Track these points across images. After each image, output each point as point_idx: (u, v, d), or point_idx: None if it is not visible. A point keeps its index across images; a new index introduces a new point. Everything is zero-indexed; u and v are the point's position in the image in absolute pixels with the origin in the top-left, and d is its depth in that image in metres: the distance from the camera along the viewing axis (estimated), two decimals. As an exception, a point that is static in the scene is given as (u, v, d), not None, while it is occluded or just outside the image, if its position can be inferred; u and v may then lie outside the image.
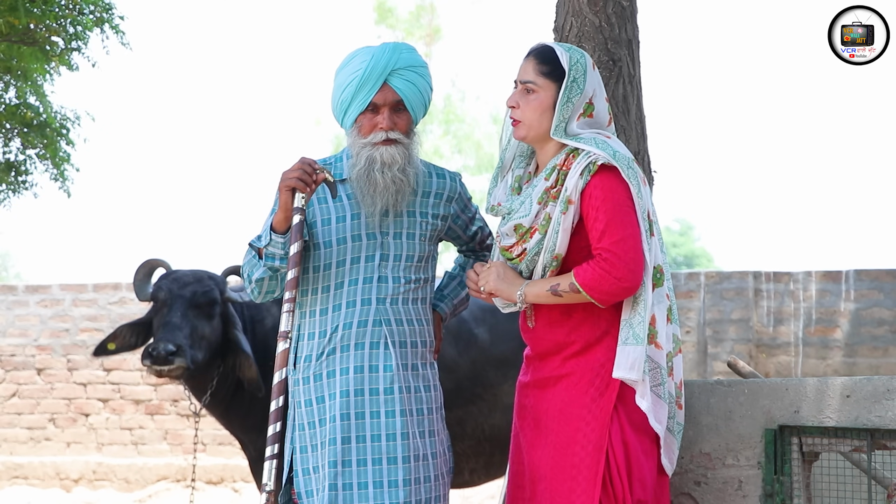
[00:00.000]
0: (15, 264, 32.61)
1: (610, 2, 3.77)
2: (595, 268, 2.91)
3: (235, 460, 9.05)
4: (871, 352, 8.87)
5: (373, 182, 3.11)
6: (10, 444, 9.55)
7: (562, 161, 3.00)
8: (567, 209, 2.95)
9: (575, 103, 3.00)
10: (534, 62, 3.04)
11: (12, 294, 9.77)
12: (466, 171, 19.71)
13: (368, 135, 3.13)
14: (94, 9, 6.53)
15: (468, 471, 4.95)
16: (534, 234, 3.01)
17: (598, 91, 3.06)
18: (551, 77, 3.01)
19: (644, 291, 2.96)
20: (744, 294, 9.07)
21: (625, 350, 2.96)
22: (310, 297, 3.19)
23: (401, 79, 3.13)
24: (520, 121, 3.05)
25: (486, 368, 4.90)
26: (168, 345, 4.48)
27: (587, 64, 3.03)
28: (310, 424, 3.15)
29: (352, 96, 3.12)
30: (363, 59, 3.13)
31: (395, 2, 20.25)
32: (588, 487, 2.92)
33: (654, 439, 3.01)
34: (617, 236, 2.91)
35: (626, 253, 2.91)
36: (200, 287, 4.69)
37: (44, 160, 7.20)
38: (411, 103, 3.16)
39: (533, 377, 3.12)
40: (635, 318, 2.97)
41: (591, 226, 2.95)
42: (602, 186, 2.94)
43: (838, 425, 3.39)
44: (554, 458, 2.99)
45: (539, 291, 3.01)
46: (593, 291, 2.92)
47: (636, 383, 2.96)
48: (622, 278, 2.90)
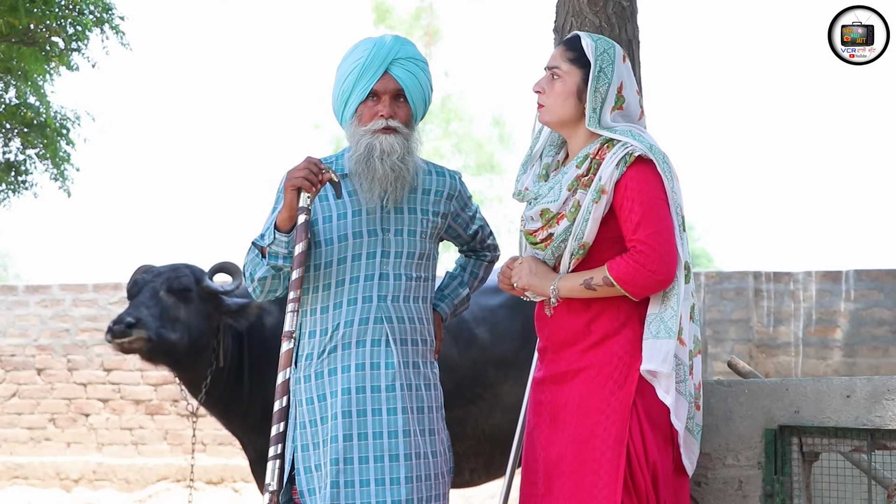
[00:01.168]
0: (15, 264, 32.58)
1: (610, 2, 3.77)
2: (629, 261, 2.91)
3: (235, 460, 9.04)
4: (871, 352, 8.87)
5: (372, 169, 3.11)
6: (10, 444, 9.55)
7: (595, 150, 3.00)
8: (599, 198, 2.95)
9: (604, 93, 3.00)
10: (563, 48, 3.06)
11: (12, 294, 9.76)
12: (466, 170, 19.71)
13: (368, 122, 3.14)
14: (94, 9, 6.54)
15: (468, 471, 4.95)
16: (561, 220, 3.00)
17: (628, 83, 3.06)
18: (577, 63, 3.02)
19: (677, 285, 2.96)
20: (744, 294, 9.07)
21: (656, 343, 2.94)
22: (311, 295, 3.19)
23: (402, 68, 3.15)
24: (543, 105, 3.07)
25: (487, 368, 4.90)
26: (126, 317, 4.52)
27: (616, 54, 3.03)
28: (311, 422, 3.15)
29: (353, 84, 3.14)
30: (365, 48, 3.16)
31: (394, 2, 20.26)
32: (610, 481, 2.90)
33: (668, 438, 3.00)
34: (652, 228, 2.91)
35: (662, 245, 2.91)
36: (174, 274, 4.72)
37: (44, 160, 7.21)
38: (411, 94, 3.17)
39: (549, 372, 3.10)
40: (667, 312, 2.96)
41: (626, 217, 2.94)
42: (638, 178, 2.94)
43: (838, 425, 3.39)
44: (573, 453, 2.97)
45: (573, 286, 3.00)
46: (627, 285, 2.92)
47: (663, 378, 2.94)
48: (657, 271, 2.90)
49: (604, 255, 2.99)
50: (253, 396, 4.71)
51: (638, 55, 3.88)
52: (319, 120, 21.14)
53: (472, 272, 3.52)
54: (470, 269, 3.52)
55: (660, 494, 2.96)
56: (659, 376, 2.95)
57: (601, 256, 2.99)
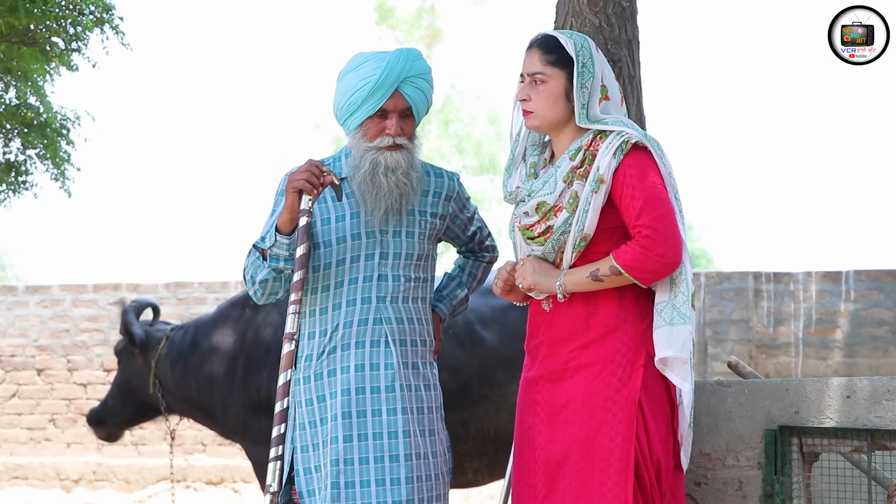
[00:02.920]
0: (15, 264, 32.57)
1: (610, 2, 3.77)
2: (636, 247, 2.90)
3: (235, 461, 9.05)
4: (871, 352, 8.87)
5: (377, 185, 3.11)
6: (10, 444, 9.55)
7: (588, 141, 2.99)
8: (598, 188, 2.94)
9: (590, 88, 3.00)
10: (539, 53, 3.04)
11: (12, 294, 9.77)
12: (467, 171, 19.71)
13: (375, 139, 3.13)
14: (94, 9, 6.54)
15: (472, 471, 4.96)
16: (559, 212, 2.99)
17: (607, 72, 3.07)
18: (559, 65, 3.01)
19: (684, 269, 2.95)
20: (744, 294, 9.07)
21: (673, 331, 2.92)
22: (310, 297, 3.19)
23: (412, 87, 3.14)
24: (531, 111, 3.05)
25: (495, 369, 4.90)
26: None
27: (591, 46, 3.04)
28: (311, 423, 3.15)
29: (362, 100, 3.12)
30: (377, 66, 3.12)
31: (396, 2, 20.26)
32: (620, 480, 2.88)
33: (669, 433, 2.99)
34: (655, 213, 2.90)
35: (667, 228, 2.90)
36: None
37: (44, 160, 7.20)
38: (418, 109, 3.18)
39: (544, 370, 3.06)
40: (678, 298, 2.94)
41: (628, 204, 2.93)
42: (636, 165, 2.94)
43: (838, 426, 3.39)
44: (580, 453, 2.94)
45: (579, 280, 2.98)
46: (636, 271, 2.90)
47: (678, 364, 2.93)
48: (664, 254, 2.89)
49: (603, 246, 2.98)
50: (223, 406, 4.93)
51: (638, 55, 3.88)
52: (320, 120, 21.17)
53: (471, 273, 3.52)
54: (468, 270, 3.51)
55: (663, 491, 2.96)
56: (673, 364, 2.93)
57: (600, 248, 2.98)
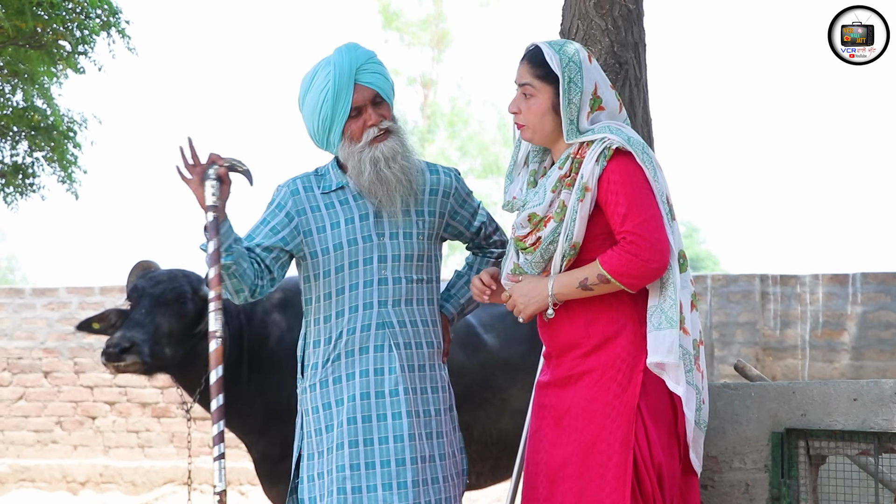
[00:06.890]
0: (22, 267, 32.68)
1: (616, 5, 3.77)
2: (621, 252, 2.90)
3: (241, 463, 9.05)
4: (878, 355, 8.85)
5: (385, 181, 3.11)
6: (17, 446, 9.56)
7: (575, 150, 3.00)
8: (584, 196, 2.94)
9: (578, 103, 2.99)
10: (527, 65, 3.04)
11: (19, 297, 9.78)
12: (472, 173, 19.75)
13: (361, 137, 3.14)
14: (101, 13, 6.56)
15: (475, 474, 4.95)
16: (548, 222, 2.99)
17: (601, 82, 3.05)
18: (546, 80, 3.00)
19: (672, 274, 2.95)
20: (750, 297, 9.06)
21: (659, 335, 2.93)
22: (314, 306, 3.20)
23: (368, 73, 3.15)
24: (523, 124, 3.06)
25: (495, 373, 4.90)
26: (122, 342, 4.55)
27: (581, 59, 3.01)
28: (317, 431, 3.16)
29: (331, 110, 3.13)
30: (327, 71, 3.14)
31: (401, 6, 20.28)
32: (618, 486, 2.89)
33: (673, 437, 2.99)
34: (640, 218, 2.90)
35: (651, 233, 2.90)
36: (171, 284, 4.73)
37: (51, 163, 7.22)
38: (385, 92, 3.18)
39: (552, 376, 3.09)
40: (666, 303, 2.94)
41: (612, 210, 2.93)
42: (619, 171, 2.93)
43: (845, 428, 3.39)
44: (579, 457, 2.96)
45: (569, 291, 2.98)
46: (622, 277, 2.90)
47: (671, 369, 2.93)
48: (650, 259, 2.89)
49: (594, 254, 2.98)
50: (251, 398, 4.71)
51: (644, 58, 3.88)
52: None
53: (479, 270, 3.49)
54: (477, 267, 3.47)
55: (665, 495, 2.95)
56: (667, 368, 2.93)
57: (592, 255, 2.98)
